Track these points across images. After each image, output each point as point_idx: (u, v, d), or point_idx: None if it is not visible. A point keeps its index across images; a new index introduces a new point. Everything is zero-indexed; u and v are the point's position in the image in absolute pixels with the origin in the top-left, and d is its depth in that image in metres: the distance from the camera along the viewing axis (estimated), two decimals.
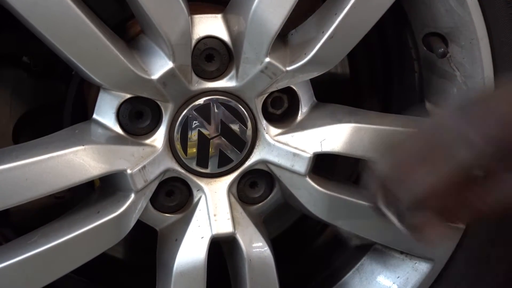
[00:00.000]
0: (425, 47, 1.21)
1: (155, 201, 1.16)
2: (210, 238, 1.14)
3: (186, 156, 1.11)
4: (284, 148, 1.14)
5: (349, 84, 1.51)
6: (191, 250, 1.13)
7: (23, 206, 0.99)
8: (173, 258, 1.12)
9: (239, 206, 1.19)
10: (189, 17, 1.01)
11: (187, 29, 1.00)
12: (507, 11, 1.15)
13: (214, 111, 1.10)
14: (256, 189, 1.22)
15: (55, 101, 1.27)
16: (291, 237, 1.54)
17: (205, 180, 1.16)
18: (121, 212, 1.06)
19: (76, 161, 1.00)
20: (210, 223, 1.15)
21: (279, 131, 1.16)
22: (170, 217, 1.19)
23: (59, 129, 1.07)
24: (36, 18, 0.92)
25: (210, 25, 1.07)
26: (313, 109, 1.18)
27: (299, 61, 1.08)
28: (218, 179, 1.17)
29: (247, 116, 1.12)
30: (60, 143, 1.01)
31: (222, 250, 1.28)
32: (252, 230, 1.18)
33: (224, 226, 1.15)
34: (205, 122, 1.10)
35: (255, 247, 1.17)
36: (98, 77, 1.00)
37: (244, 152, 1.14)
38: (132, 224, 1.09)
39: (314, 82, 1.16)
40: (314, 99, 1.19)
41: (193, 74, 1.07)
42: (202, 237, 1.14)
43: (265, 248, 1.18)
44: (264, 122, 1.15)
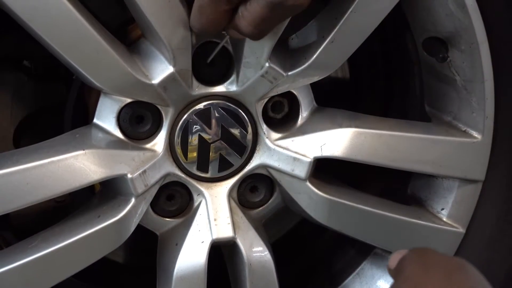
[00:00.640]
0: (425, 52, 1.21)
1: (156, 205, 1.16)
2: (211, 242, 1.14)
3: (187, 160, 1.12)
4: (285, 152, 1.14)
5: (350, 89, 1.51)
6: (192, 255, 1.13)
7: (24, 210, 0.99)
8: (174, 262, 1.12)
9: (239, 210, 1.19)
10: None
11: (188, 34, 1.00)
12: (507, 15, 1.15)
13: (214, 115, 1.10)
14: (256, 193, 1.22)
15: (56, 105, 1.27)
16: (291, 241, 1.54)
17: (206, 184, 1.16)
18: (121, 216, 1.06)
19: (76, 165, 1.00)
20: (210, 227, 1.14)
21: (279, 135, 1.16)
22: (170, 222, 1.19)
23: (60, 133, 1.07)
24: (36, 22, 0.92)
25: None
26: (313, 114, 1.18)
27: (300, 65, 1.08)
28: (218, 184, 1.16)
29: (248, 120, 1.12)
30: (61, 147, 1.01)
31: (222, 254, 1.28)
32: (253, 235, 1.18)
33: (224, 231, 1.15)
34: (205, 127, 1.10)
35: (256, 252, 1.17)
36: (99, 81, 1.00)
37: (245, 156, 1.14)
38: (132, 228, 1.09)
39: (314, 86, 1.16)
40: (315, 103, 1.19)
41: (193, 78, 1.07)
42: (203, 242, 1.14)
43: (265, 253, 1.18)
44: (265, 126, 1.15)
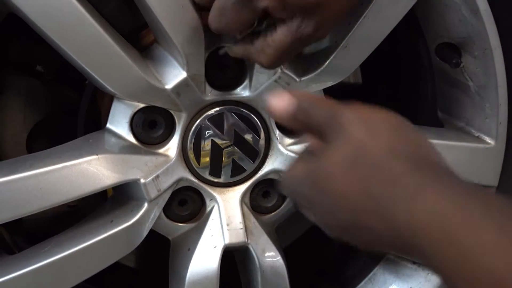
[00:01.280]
0: (438, 57, 1.21)
1: (168, 210, 1.16)
2: (223, 247, 1.14)
3: (199, 165, 1.12)
4: None
5: (362, 94, 1.51)
6: (204, 260, 1.12)
7: (36, 214, 0.99)
8: (186, 267, 1.12)
9: (251, 215, 1.19)
10: (203, 26, 1.01)
11: (201, 39, 1.00)
12: None
13: (227, 120, 1.10)
14: (269, 198, 1.22)
15: (68, 110, 1.28)
16: (303, 246, 1.54)
17: (218, 189, 1.16)
18: (134, 221, 1.06)
19: (90, 170, 1.00)
20: (223, 232, 1.14)
21: (292, 140, 1.16)
22: (183, 227, 1.19)
23: (73, 138, 1.07)
24: (50, 27, 0.92)
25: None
26: None
27: (313, 71, 1.08)
28: (231, 189, 1.16)
29: (260, 125, 1.12)
30: (74, 152, 1.01)
31: (234, 259, 1.28)
32: (265, 240, 1.17)
33: (237, 236, 1.15)
34: (218, 132, 1.10)
35: (268, 257, 1.17)
36: (112, 86, 1.00)
37: (257, 161, 1.14)
38: (145, 233, 1.09)
39: (326, 91, 1.16)
40: None
41: (206, 83, 1.07)
42: (215, 247, 1.14)
43: (278, 258, 1.18)
44: (277, 131, 1.15)
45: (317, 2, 0.82)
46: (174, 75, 1.03)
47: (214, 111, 1.09)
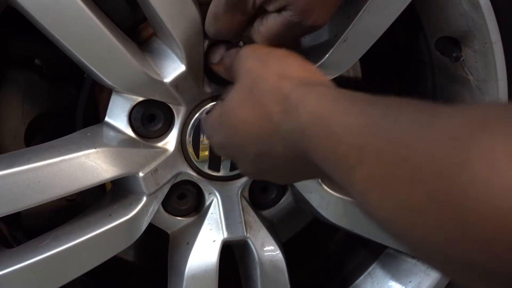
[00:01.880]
0: (438, 51, 1.21)
1: (167, 204, 1.16)
2: (222, 241, 1.14)
3: (198, 159, 1.11)
4: None
5: (361, 88, 1.50)
6: (203, 254, 1.12)
7: (34, 208, 0.98)
8: (185, 261, 1.12)
9: (251, 209, 1.19)
10: (202, 20, 1.00)
11: (200, 32, 1.00)
12: None
13: None
14: (268, 192, 1.22)
15: (67, 104, 1.27)
16: (303, 240, 1.54)
17: (217, 183, 1.16)
18: (133, 215, 1.06)
19: (88, 164, 0.99)
20: (222, 226, 1.14)
21: None
22: (181, 221, 1.19)
23: (71, 131, 1.07)
24: (49, 21, 0.92)
25: None
26: None
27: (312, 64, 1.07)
28: (230, 183, 1.16)
29: None
30: (73, 146, 1.01)
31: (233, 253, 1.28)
32: (264, 234, 1.17)
33: (236, 230, 1.15)
34: None
35: (267, 251, 1.17)
36: (111, 80, 1.00)
37: None
38: (144, 227, 1.08)
39: None
40: None
41: (205, 77, 1.07)
42: (214, 241, 1.13)
43: (277, 252, 1.18)
44: None
45: None
46: (173, 69, 1.03)
47: (212, 104, 1.09)
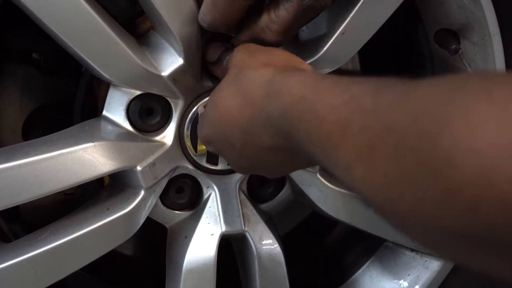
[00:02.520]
0: (437, 44, 1.21)
1: (165, 198, 1.16)
2: (220, 235, 1.14)
3: (196, 153, 1.11)
4: None
5: None
6: (201, 247, 1.12)
7: (33, 202, 0.98)
8: (183, 255, 1.12)
9: (249, 203, 1.18)
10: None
11: (197, 26, 1.00)
12: None
13: None
14: (266, 186, 1.22)
15: (65, 98, 1.27)
16: (301, 234, 1.54)
17: (215, 177, 1.15)
18: (131, 209, 1.06)
19: (86, 157, 0.99)
20: (220, 220, 1.14)
21: None
22: (180, 214, 1.18)
23: (69, 125, 1.07)
24: (46, 14, 0.91)
25: None
26: None
27: (310, 58, 1.07)
28: (228, 176, 1.16)
29: None
30: (70, 139, 1.01)
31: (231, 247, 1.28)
32: (262, 227, 1.17)
33: (234, 224, 1.15)
34: None
35: (265, 244, 1.17)
36: (108, 73, 1.00)
37: None
38: (142, 221, 1.08)
39: None
40: None
41: (203, 70, 1.06)
42: (212, 234, 1.13)
43: (275, 245, 1.18)
44: None
45: None
46: (171, 62, 1.03)
47: None
